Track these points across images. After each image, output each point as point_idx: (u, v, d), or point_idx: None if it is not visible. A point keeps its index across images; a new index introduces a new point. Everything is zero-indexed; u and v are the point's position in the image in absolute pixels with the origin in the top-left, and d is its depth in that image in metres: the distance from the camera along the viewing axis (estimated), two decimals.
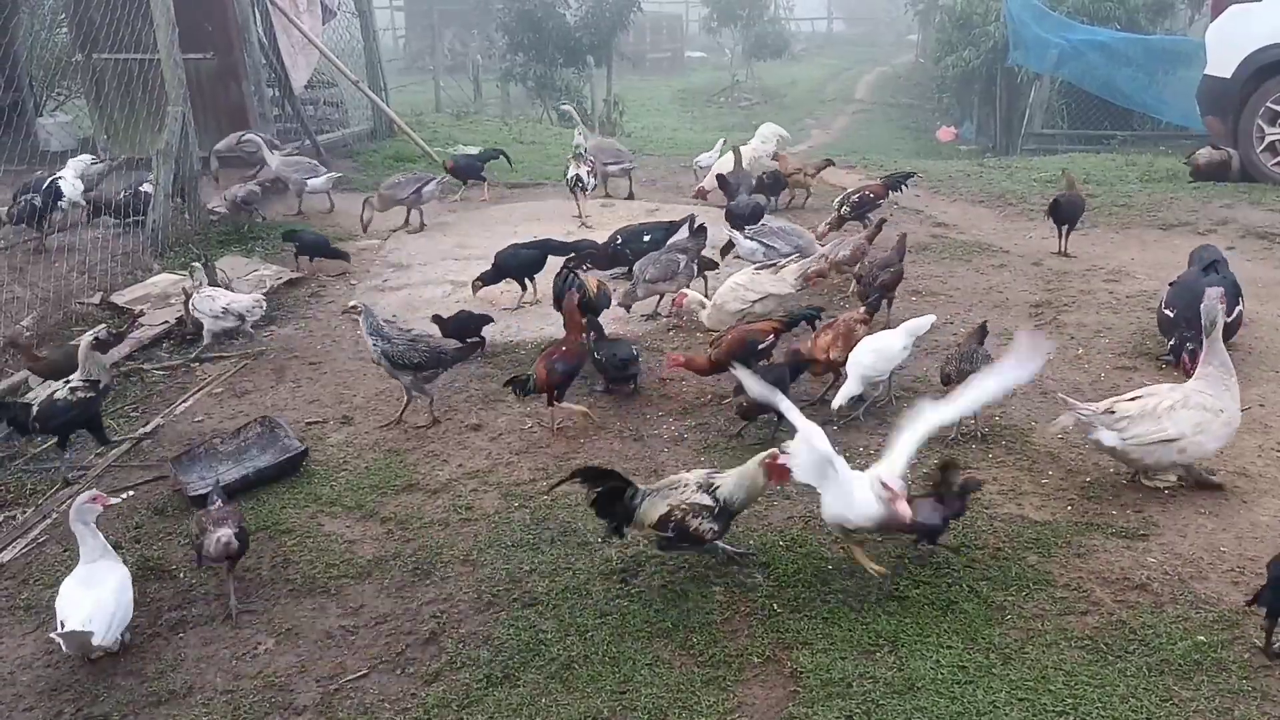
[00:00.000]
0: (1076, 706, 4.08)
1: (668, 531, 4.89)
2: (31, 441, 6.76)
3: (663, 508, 4.91)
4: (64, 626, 4.55)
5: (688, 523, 4.85)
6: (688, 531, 4.86)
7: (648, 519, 4.93)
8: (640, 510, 4.96)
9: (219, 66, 13.33)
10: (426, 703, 4.38)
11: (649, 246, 8.74)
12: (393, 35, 39.58)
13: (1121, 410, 5.33)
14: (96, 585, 4.73)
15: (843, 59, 43.43)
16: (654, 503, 4.95)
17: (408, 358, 6.58)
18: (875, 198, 9.83)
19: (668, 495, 4.96)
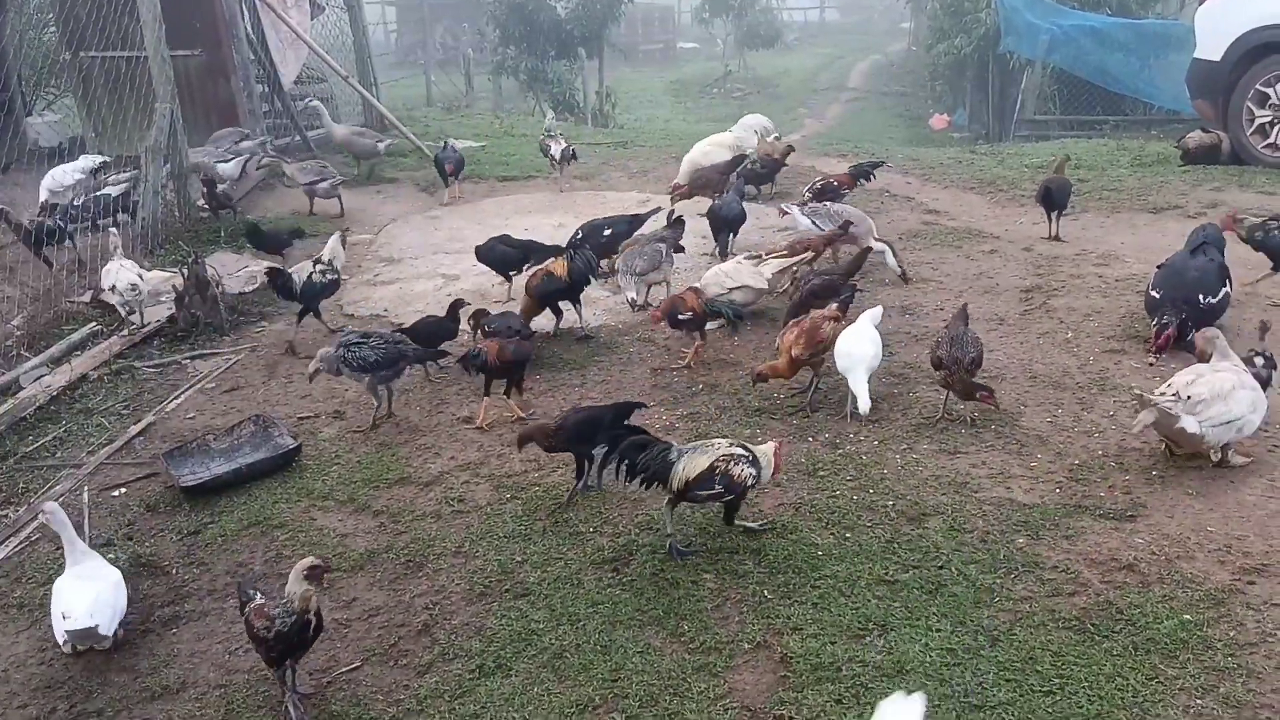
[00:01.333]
0: (1064, 686, 4.10)
1: (713, 484, 5.01)
2: (22, 441, 6.78)
3: (707, 460, 5.03)
4: (68, 620, 4.58)
5: (732, 470, 5.01)
6: (733, 480, 5.00)
7: (692, 471, 5.03)
8: (681, 467, 5.05)
9: (207, 63, 13.30)
10: (419, 694, 4.40)
11: (609, 241, 8.66)
12: (384, 29, 39.51)
13: (1196, 394, 5.32)
14: (96, 580, 4.76)
15: (836, 48, 43.36)
16: (695, 459, 5.06)
17: (365, 358, 6.52)
18: (840, 187, 9.82)
19: (706, 451, 5.11)
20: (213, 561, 5.43)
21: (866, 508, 5.42)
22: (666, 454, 5.11)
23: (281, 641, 4.20)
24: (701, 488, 5.05)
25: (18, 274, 8.97)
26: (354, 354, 6.49)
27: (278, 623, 4.17)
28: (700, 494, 5.08)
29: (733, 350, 7.52)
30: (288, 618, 4.18)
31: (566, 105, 24.88)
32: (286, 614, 4.18)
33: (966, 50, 21.96)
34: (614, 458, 5.23)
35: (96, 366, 7.73)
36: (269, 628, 4.18)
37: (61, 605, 4.67)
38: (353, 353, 6.49)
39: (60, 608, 4.66)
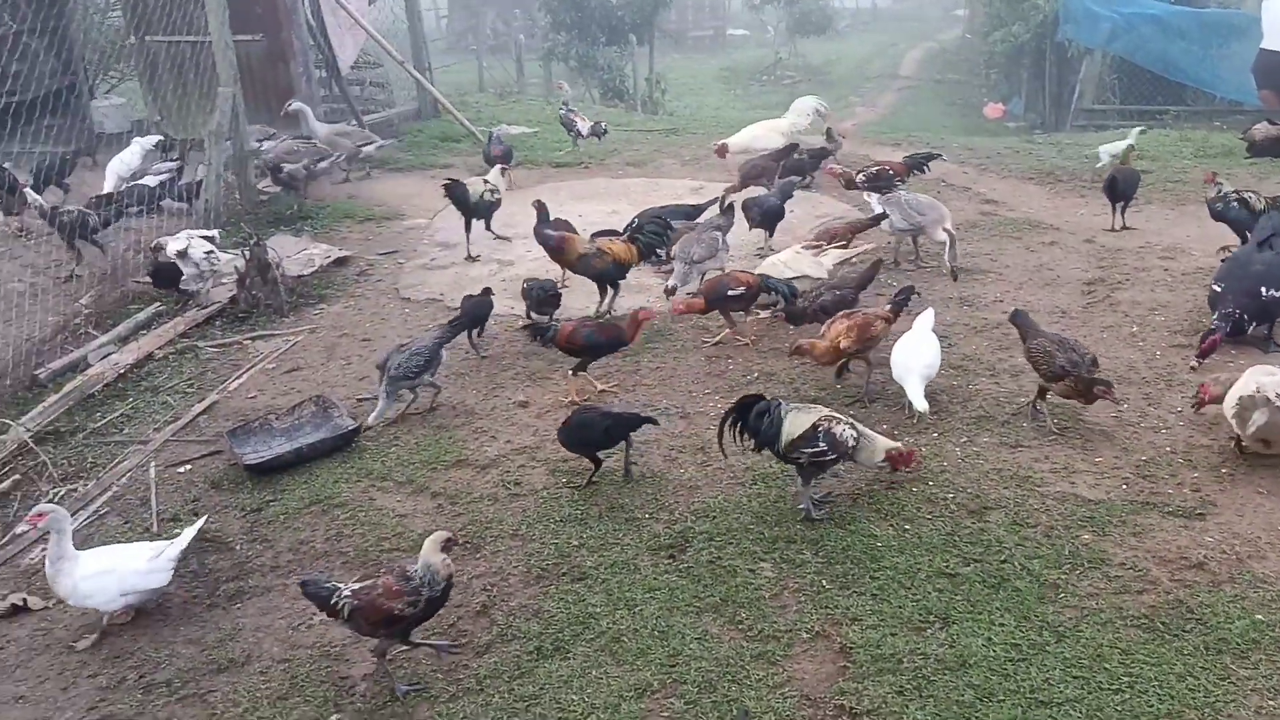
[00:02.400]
0: (1133, 684, 4.06)
1: (816, 442, 5.15)
2: (90, 417, 6.92)
3: (811, 419, 5.22)
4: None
5: (834, 430, 5.17)
6: (835, 439, 5.16)
7: (796, 429, 5.20)
8: (787, 424, 5.22)
9: (268, 48, 13.44)
10: (479, 674, 4.44)
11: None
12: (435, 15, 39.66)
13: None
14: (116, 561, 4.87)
15: (888, 35, 42.89)
16: (799, 417, 5.25)
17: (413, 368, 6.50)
18: (894, 174, 9.71)
19: (810, 410, 5.32)
20: (275, 539, 5.51)
21: (926, 500, 5.39)
22: (778, 411, 5.28)
23: (432, 608, 4.41)
24: (807, 445, 5.16)
25: (86, 255, 9.13)
26: (404, 370, 6.45)
27: (426, 591, 4.32)
28: (805, 451, 5.17)
29: (788, 339, 7.48)
30: (437, 585, 4.34)
31: (616, 92, 24.83)
32: (434, 582, 4.33)
33: (1024, 38, 21.67)
34: (733, 422, 5.35)
35: (162, 345, 7.87)
36: (416, 601, 4.32)
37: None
38: (402, 371, 6.45)
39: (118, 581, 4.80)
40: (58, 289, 8.66)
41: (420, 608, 4.35)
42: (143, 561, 4.85)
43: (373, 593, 4.34)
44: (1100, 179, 10.21)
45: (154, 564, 4.86)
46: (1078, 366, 5.77)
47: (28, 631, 4.94)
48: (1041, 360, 5.89)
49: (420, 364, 6.50)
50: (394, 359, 6.48)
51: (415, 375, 6.50)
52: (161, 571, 4.88)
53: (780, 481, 5.66)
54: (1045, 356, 5.87)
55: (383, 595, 4.32)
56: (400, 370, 6.44)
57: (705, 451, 6.03)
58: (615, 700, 4.23)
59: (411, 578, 4.35)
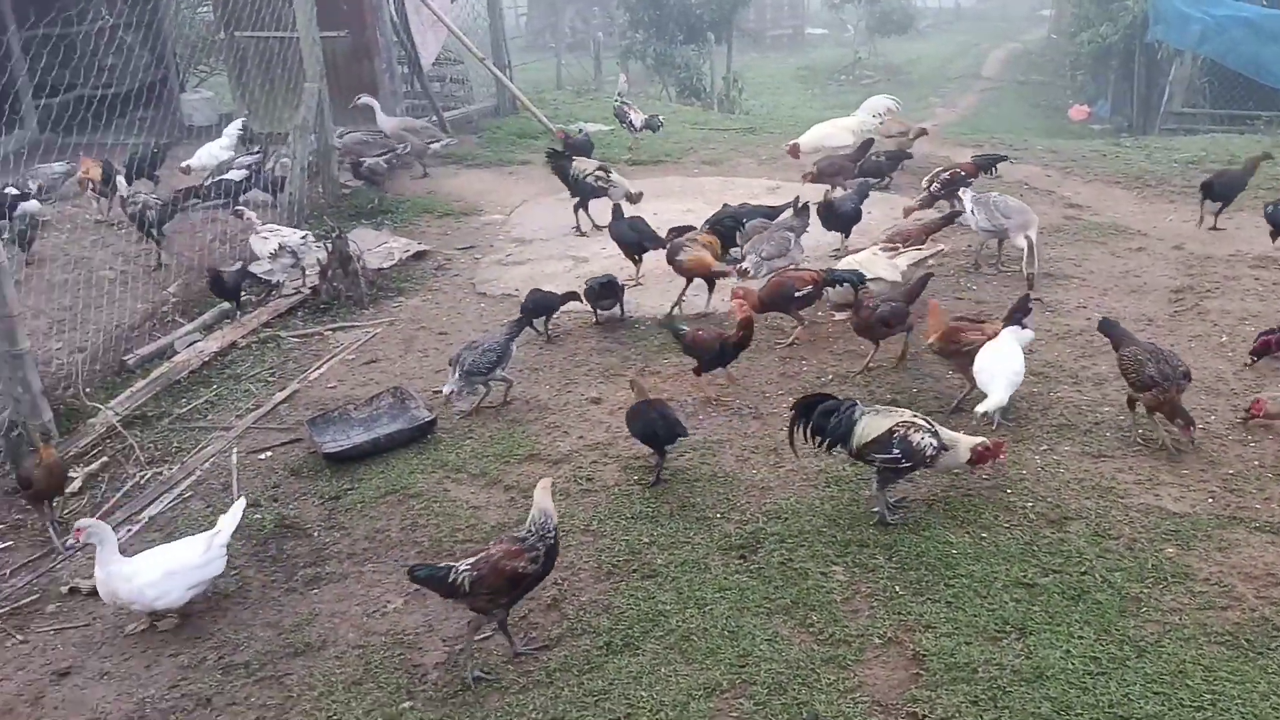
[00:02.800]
0: (1215, 702, 3.96)
1: (890, 449, 5.07)
2: (176, 402, 7.10)
3: (887, 424, 5.13)
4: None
5: (911, 437, 5.08)
6: (912, 446, 5.06)
7: (870, 433, 5.13)
8: (861, 426, 5.16)
9: (353, 44, 13.66)
10: (549, 666, 4.48)
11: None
12: (515, 13, 39.98)
13: None
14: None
15: (971, 35, 42.19)
16: (875, 420, 5.17)
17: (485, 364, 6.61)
18: (966, 176, 9.55)
19: (888, 414, 5.22)
20: (352, 526, 5.61)
21: (1004, 508, 5.30)
22: (851, 412, 5.22)
23: (550, 561, 4.54)
24: (880, 451, 5.10)
25: (174, 244, 9.38)
26: (476, 365, 6.55)
27: (542, 543, 4.46)
28: (879, 457, 5.12)
29: (862, 342, 7.41)
30: (549, 533, 4.48)
31: (693, 90, 24.78)
32: (547, 530, 4.47)
33: (1112, 39, 21.17)
34: (802, 422, 5.34)
35: (245, 334, 8.06)
36: (536, 556, 4.44)
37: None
38: (478, 366, 6.56)
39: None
40: (147, 277, 8.90)
41: (541, 562, 4.47)
42: (198, 555, 4.91)
43: (492, 558, 4.42)
44: None
45: (208, 555, 4.93)
46: (1168, 379, 5.56)
47: (112, 610, 5.08)
48: (1131, 369, 5.73)
49: (492, 360, 6.58)
50: (466, 355, 6.58)
51: (487, 370, 6.58)
52: (217, 560, 4.96)
53: (853, 484, 5.61)
54: (1135, 365, 5.69)
55: (504, 558, 4.41)
56: (473, 365, 6.52)
57: (778, 453, 6.00)
58: (684, 699, 4.23)
59: (525, 537, 4.47)
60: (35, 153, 10.41)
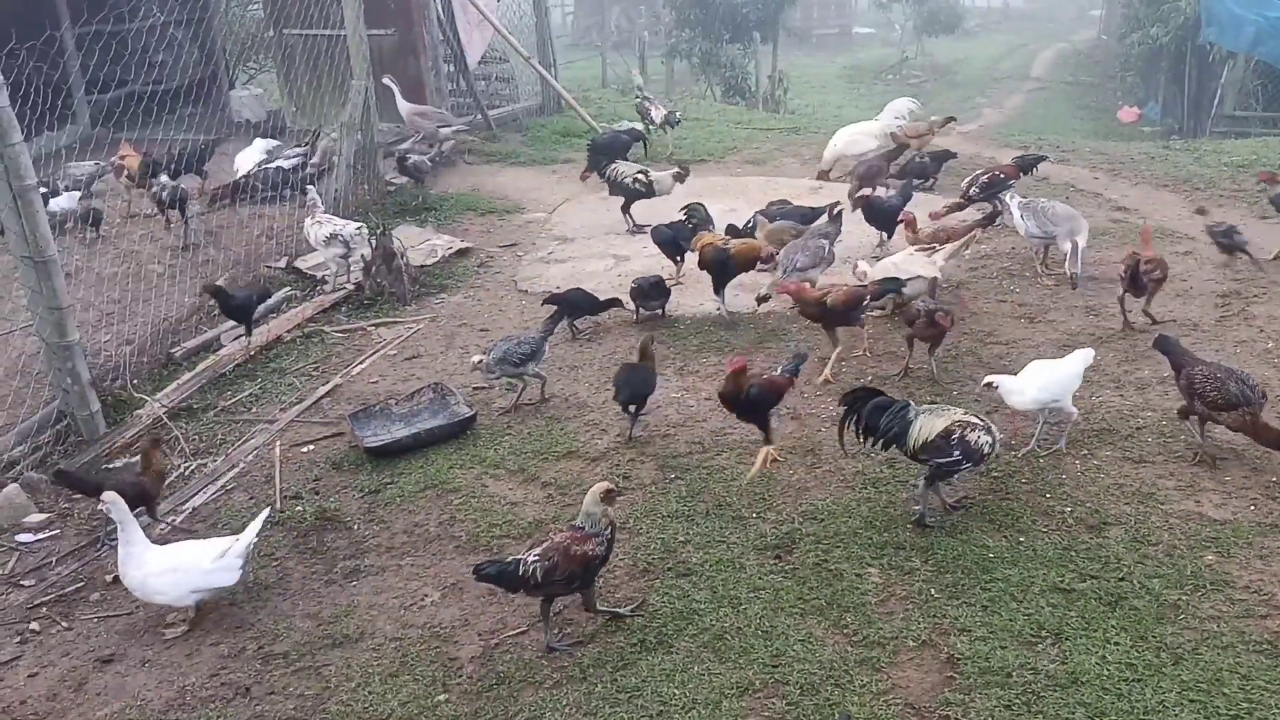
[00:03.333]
0: (1252, 711, 3.91)
1: (950, 450, 5.05)
2: (221, 395, 7.23)
3: (942, 423, 5.10)
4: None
5: (969, 437, 5.07)
6: (970, 446, 5.05)
7: (928, 434, 5.10)
8: (917, 427, 5.13)
9: (399, 42, 13.80)
10: (582, 662, 4.51)
11: None
12: (561, 12, 40.14)
13: None
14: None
15: (1019, 35, 41.82)
16: (931, 420, 5.14)
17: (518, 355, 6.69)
18: (1006, 179, 9.43)
19: (943, 413, 5.20)
20: (391, 520, 5.68)
21: (1042, 512, 5.26)
22: (905, 413, 5.19)
23: (610, 548, 4.69)
24: (938, 455, 5.07)
25: (220, 238, 9.53)
26: (509, 355, 6.65)
27: (604, 535, 4.60)
28: (939, 461, 5.09)
29: (902, 344, 7.38)
30: (606, 531, 4.62)
31: (738, 89, 24.76)
32: (604, 530, 4.61)
33: (1163, 40, 20.90)
34: (852, 419, 5.32)
35: (290, 329, 8.17)
36: (602, 540, 4.60)
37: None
38: (510, 355, 6.65)
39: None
40: (194, 271, 9.05)
41: (606, 547, 4.63)
42: (208, 560, 4.86)
43: (562, 546, 4.53)
44: None
45: (219, 563, 4.87)
46: (1249, 400, 5.31)
47: None
48: (1212, 388, 5.38)
49: (525, 353, 6.66)
50: (501, 343, 6.71)
51: (519, 363, 6.64)
52: (229, 570, 4.89)
53: (890, 487, 5.60)
54: (1217, 385, 5.36)
55: (574, 543, 4.53)
56: (505, 353, 6.61)
57: (815, 453, 6.00)
58: (716, 697, 4.25)
59: (582, 526, 4.61)
60: (86, 148, 10.62)
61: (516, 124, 15.34)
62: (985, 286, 8.35)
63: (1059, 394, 5.76)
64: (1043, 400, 5.76)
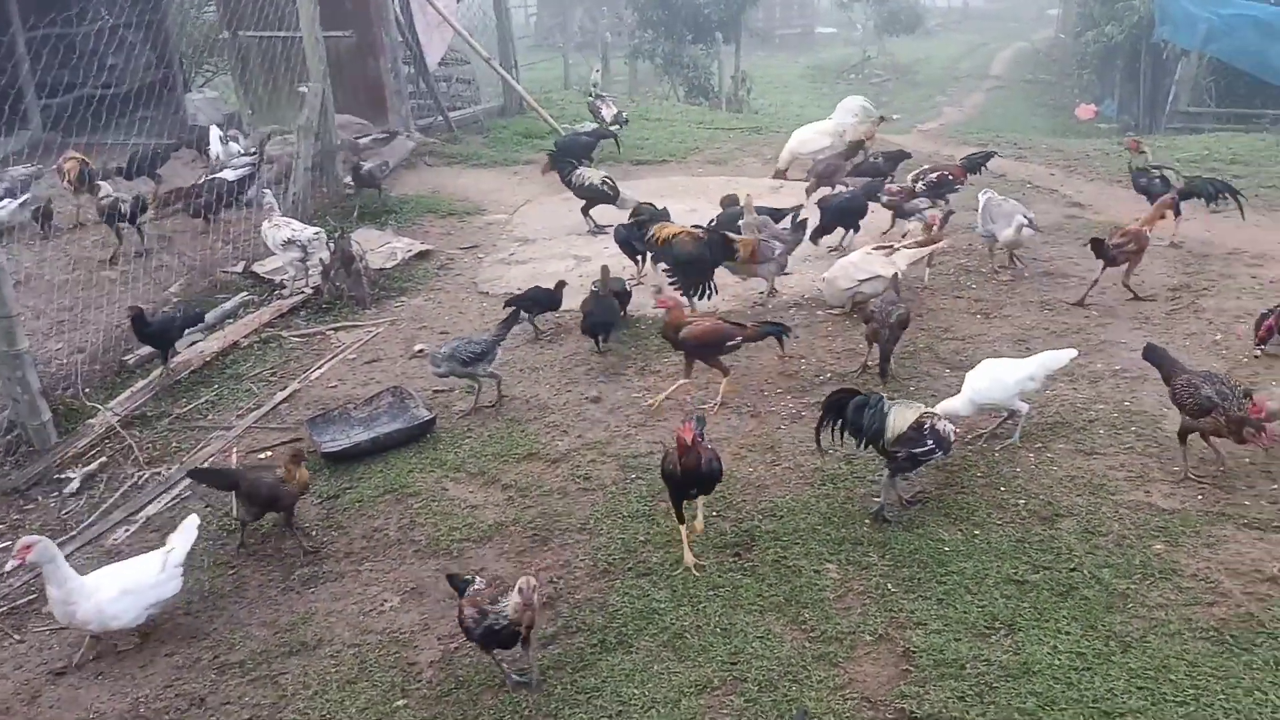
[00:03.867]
0: (1198, 697, 3.98)
1: (924, 439, 5.15)
2: (176, 403, 7.16)
3: (912, 415, 5.22)
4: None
5: (939, 426, 5.21)
6: (940, 435, 5.19)
7: (900, 425, 5.20)
8: (892, 419, 5.22)
9: (357, 44, 13.71)
10: (542, 664, 4.51)
11: None
12: (524, 13, 40.05)
13: None
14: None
15: (979, 34, 42.14)
16: (902, 411, 5.25)
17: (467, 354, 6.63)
18: (954, 180, 9.48)
19: (908, 406, 5.32)
20: (350, 525, 5.66)
21: (996, 506, 5.33)
22: (882, 407, 5.27)
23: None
24: (913, 445, 5.16)
25: (175, 244, 9.44)
26: (459, 353, 6.61)
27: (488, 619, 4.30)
28: (914, 451, 5.17)
29: (860, 341, 7.43)
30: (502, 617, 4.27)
31: (701, 90, 24.82)
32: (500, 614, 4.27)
33: (1118, 38, 21.15)
34: (831, 417, 5.38)
35: (247, 334, 8.11)
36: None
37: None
38: (459, 352, 6.62)
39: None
40: (147, 277, 8.95)
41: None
42: (154, 574, 4.81)
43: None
44: None
45: (164, 574, 4.82)
46: (1226, 400, 5.22)
47: None
48: (1186, 394, 5.34)
49: (476, 351, 6.63)
50: (455, 342, 6.72)
51: (469, 360, 6.61)
52: (174, 579, 4.85)
53: (848, 483, 5.64)
54: (1190, 390, 5.32)
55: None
56: (454, 351, 6.60)
57: (774, 451, 6.04)
58: (676, 695, 4.26)
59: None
60: (37, 152, 10.47)
61: (478, 125, 15.31)
62: (942, 283, 8.43)
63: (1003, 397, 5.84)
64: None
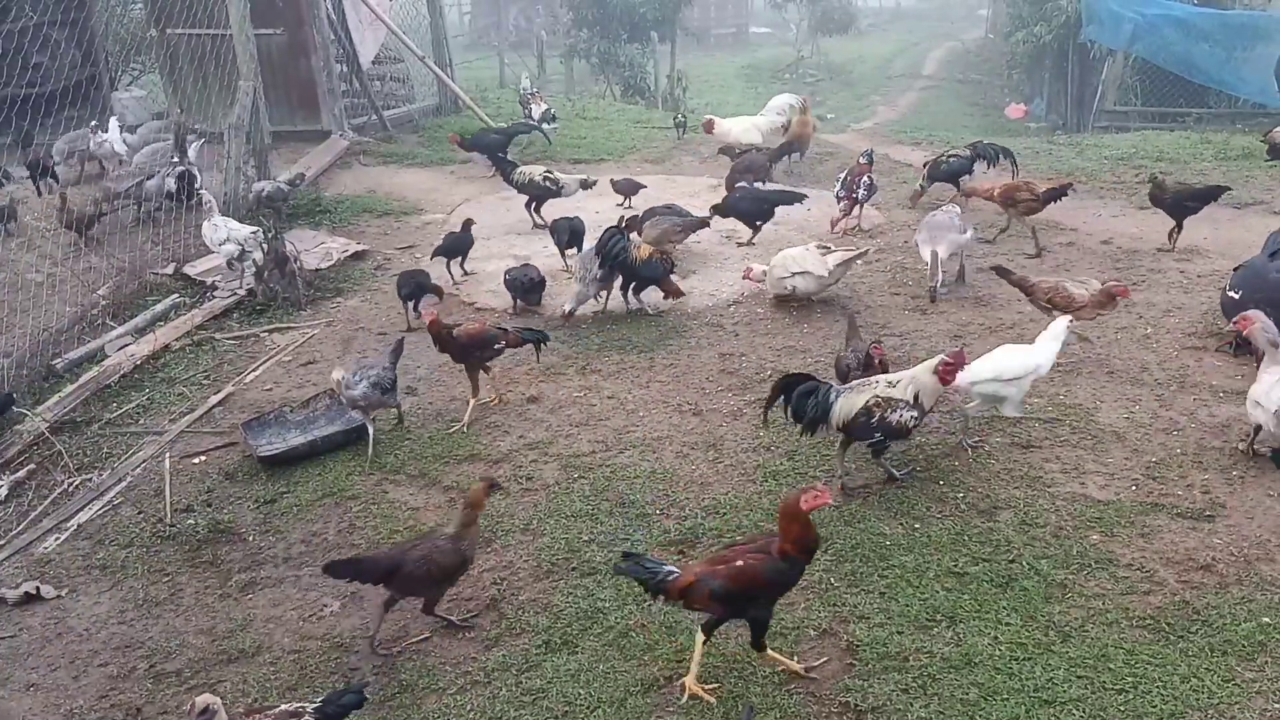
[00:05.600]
0: (1136, 685, 4.05)
1: (871, 433, 5.22)
2: (106, 407, 6.98)
3: (861, 401, 5.22)
4: None
5: (889, 418, 5.21)
6: (891, 426, 5.21)
7: (846, 412, 5.24)
8: (837, 406, 5.26)
9: (289, 42, 13.50)
10: (486, 666, 4.47)
11: None
12: (458, 11, 39.73)
13: None
14: None
15: (912, 34, 42.66)
16: (850, 398, 5.27)
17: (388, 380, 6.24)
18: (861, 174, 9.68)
19: (861, 390, 5.30)
20: (288, 530, 5.56)
21: (936, 499, 5.39)
22: (828, 396, 5.31)
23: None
24: (861, 435, 5.25)
25: (104, 246, 9.21)
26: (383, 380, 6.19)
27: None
28: (861, 441, 5.29)
29: (800, 338, 7.49)
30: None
31: (637, 89, 24.82)
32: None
33: (1046, 38, 21.49)
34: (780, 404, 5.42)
35: (179, 337, 7.94)
36: None
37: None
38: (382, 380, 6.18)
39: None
40: (75, 280, 8.73)
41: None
42: None
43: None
44: None
45: None
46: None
47: (40, 620, 5.00)
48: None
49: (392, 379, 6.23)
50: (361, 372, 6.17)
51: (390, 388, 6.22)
52: None
53: (790, 479, 5.67)
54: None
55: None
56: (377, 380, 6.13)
57: (716, 448, 6.05)
58: (622, 695, 4.25)
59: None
60: None
61: (413, 124, 15.17)
62: (879, 280, 8.52)
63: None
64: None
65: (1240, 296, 6.81)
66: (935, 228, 8.09)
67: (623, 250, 7.75)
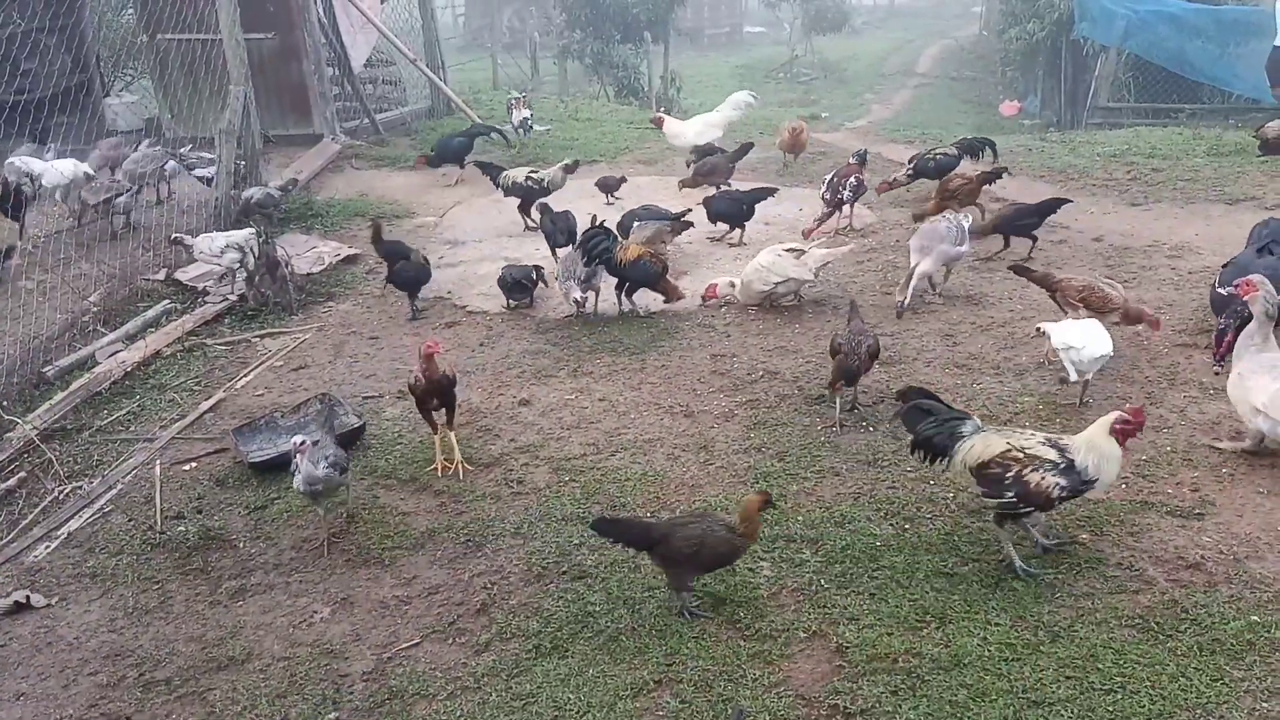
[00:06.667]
0: (1125, 685, 4.05)
1: (1004, 491, 4.49)
2: (97, 414, 6.97)
3: (998, 447, 4.55)
4: None
5: (1029, 478, 4.44)
6: (1029, 489, 4.44)
7: (977, 458, 4.60)
8: (967, 446, 4.64)
9: (280, 46, 13.50)
10: (477, 671, 4.46)
11: None
12: (452, 13, 39.72)
13: None
14: None
15: (906, 32, 42.73)
16: (987, 441, 4.60)
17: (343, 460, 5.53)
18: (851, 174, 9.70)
19: (1006, 434, 4.65)
20: (279, 536, 5.55)
21: (927, 499, 5.38)
22: (956, 427, 4.75)
23: None
24: (989, 489, 4.63)
25: (95, 252, 9.20)
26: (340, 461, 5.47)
27: None
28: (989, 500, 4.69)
29: (793, 338, 7.49)
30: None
31: (631, 89, 24.83)
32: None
33: (1039, 35, 21.51)
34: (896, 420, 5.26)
35: (170, 343, 7.93)
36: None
37: None
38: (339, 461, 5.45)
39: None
40: (66, 286, 8.72)
41: None
42: None
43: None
44: None
45: None
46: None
47: (30, 629, 4.99)
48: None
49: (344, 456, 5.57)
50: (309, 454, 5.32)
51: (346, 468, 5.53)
52: None
53: (781, 480, 5.67)
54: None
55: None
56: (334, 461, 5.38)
57: (707, 450, 6.05)
58: (612, 699, 4.24)
59: None
60: None
61: (405, 128, 15.17)
62: (870, 279, 8.52)
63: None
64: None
65: (1228, 293, 6.80)
66: (929, 236, 7.80)
67: (606, 250, 7.76)
